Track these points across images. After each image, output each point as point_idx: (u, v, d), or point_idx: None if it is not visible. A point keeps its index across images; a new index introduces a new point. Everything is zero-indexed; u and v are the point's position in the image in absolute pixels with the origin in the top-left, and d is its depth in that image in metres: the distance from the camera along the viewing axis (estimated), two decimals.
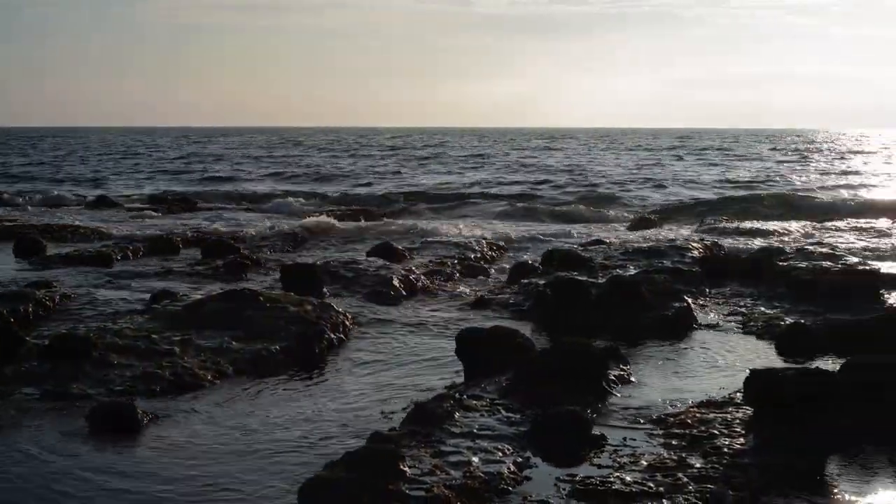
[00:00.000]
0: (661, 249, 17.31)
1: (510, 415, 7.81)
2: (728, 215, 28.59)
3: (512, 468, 6.64)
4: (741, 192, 38.53)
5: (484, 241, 19.81)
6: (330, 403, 8.50)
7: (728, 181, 45.57)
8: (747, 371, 8.24)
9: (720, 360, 10.18)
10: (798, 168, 57.13)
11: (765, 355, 10.43)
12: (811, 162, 65.18)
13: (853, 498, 6.27)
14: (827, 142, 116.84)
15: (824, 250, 17.98)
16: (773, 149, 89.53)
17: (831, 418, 7.61)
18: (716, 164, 60.82)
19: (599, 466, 6.77)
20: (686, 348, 10.80)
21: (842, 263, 16.04)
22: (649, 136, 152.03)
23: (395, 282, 14.18)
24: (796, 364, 9.70)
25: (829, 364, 9.56)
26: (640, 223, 26.79)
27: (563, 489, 6.33)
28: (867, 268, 15.79)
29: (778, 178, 47.29)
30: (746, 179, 46.77)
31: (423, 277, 14.87)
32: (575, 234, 23.55)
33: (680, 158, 69.04)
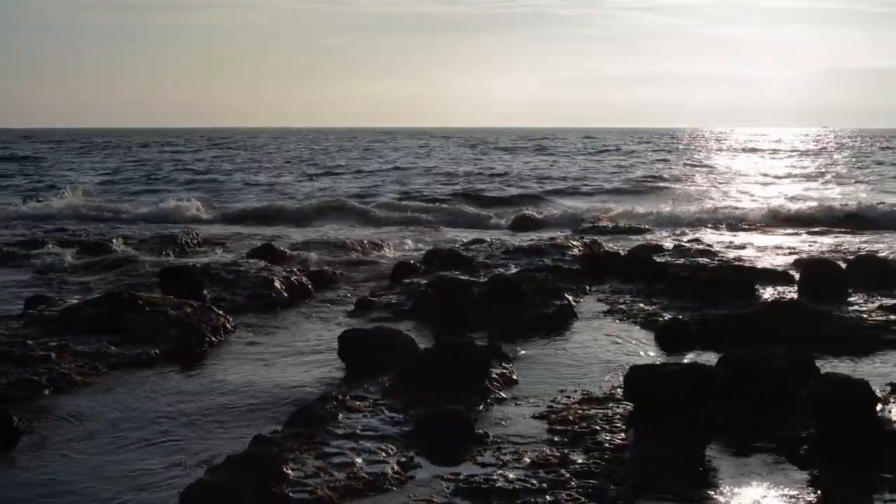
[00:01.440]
0: (541, 248, 17.46)
1: (393, 415, 7.81)
2: (608, 214, 28.96)
3: (396, 468, 6.64)
4: (622, 192, 39.05)
5: (366, 241, 19.77)
6: (211, 406, 8.40)
7: (607, 179, 46.15)
8: (627, 367, 8.36)
9: (601, 357, 10.29)
10: (676, 166, 58.09)
11: (644, 351, 10.59)
12: (685, 160, 66.39)
13: (731, 489, 6.40)
14: (700, 140, 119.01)
15: (701, 247, 18.34)
16: (659, 148, 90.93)
17: (709, 412, 7.76)
18: (599, 162, 61.61)
19: (483, 464, 6.80)
20: (567, 345, 10.91)
21: (718, 260, 16.39)
22: (527, 135, 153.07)
23: (277, 283, 14.07)
24: (675, 359, 9.85)
25: (707, 358, 9.73)
26: (521, 222, 27.00)
27: (447, 488, 6.35)
28: (742, 264, 16.16)
29: (661, 177, 48.04)
30: (636, 178, 47.48)
31: (304, 278, 14.78)
32: (456, 234, 23.64)
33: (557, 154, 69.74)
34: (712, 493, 6.36)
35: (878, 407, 7.64)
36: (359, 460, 6.70)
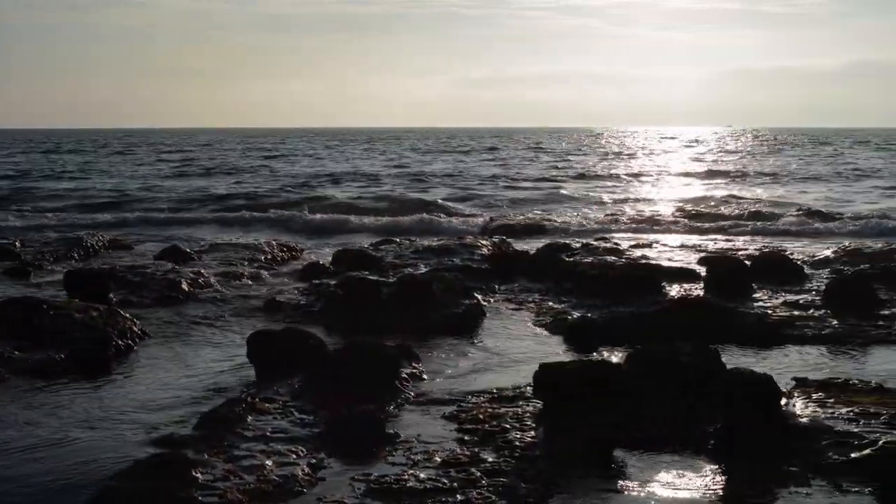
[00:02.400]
0: (450, 248, 17.49)
1: (303, 416, 7.77)
2: (516, 213, 29.11)
3: (306, 470, 6.60)
4: (528, 191, 39.23)
5: (274, 242, 19.64)
6: (118, 410, 8.28)
7: (513, 179, 46.39)
8: (536, 365, 8.41)
9: (510, 355, 10.34)
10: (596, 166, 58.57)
11: (553, 349, 10.65)
12: (595, 159, 66.99)
13: (641, 484, 6.46)
14: (613, 139, 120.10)
15: (608, 246, 18.50)
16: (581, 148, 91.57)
17: (618, 408, 7.83)
18: (505, 161, 61.88)
19: (394, 464, 6.79)
20: (477, 344, 10.94)
21: (625, 258, 16.54)
22: (444, 135, 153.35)
23: (184, 285, 13.93)
24: (584, 357, 9.92)
25: (616, 355, 9.83)
26: (431, 223, 27.01)
27: (358, 489, 6.33)
28: (649, 261, 16.34)
29: (570, 176, 48.40)
30: (545, 176, 47.77)
31: (212, 280, 14.65)
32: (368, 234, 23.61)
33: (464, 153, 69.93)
34: (622, 488, 6.42)
35: (783, 401, 7.77)
36: (269, 462, 6.65)
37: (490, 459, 6.85)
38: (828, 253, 17.63)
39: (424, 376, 9.27)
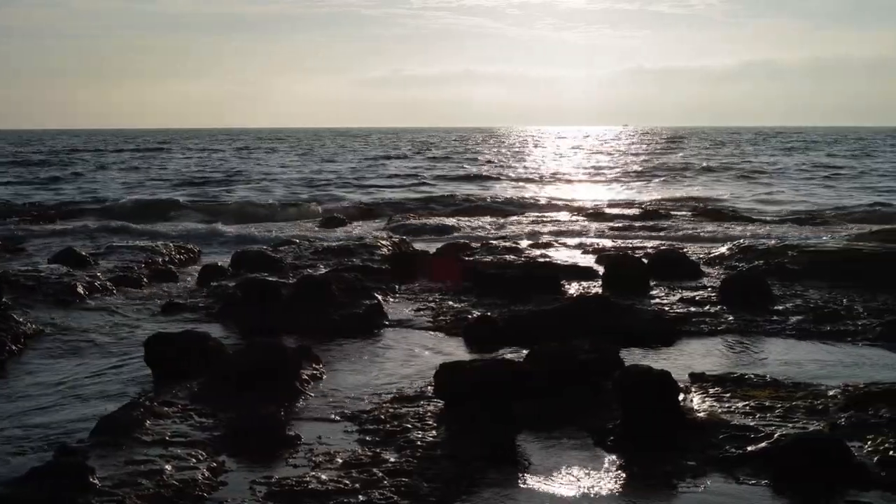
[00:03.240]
0: (350, 248, 17.47)
1: (203, 420, 7.70)
2: (414, 213, 29.13)
3: (206, 474, 6.53)
4: (429, 191, 39.30)
5: (171, 244, 19.40)
6: (12, 416, 8.11)
7: (415, 178, 46.43)
8: (437, 365, 8.42)
9: (411, 355, 10.34)
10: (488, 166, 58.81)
11: (454, 348, 10.67)
12: (494, 158, 67.32)
13: (542, 480, 6.51)
14: (511, 138, 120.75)
15: (508, 244, 18.61)
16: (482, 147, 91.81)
17: (519, 405, 7.87)
18: (406, 161, 61.92)
19: (295, 466, 6.75)
20: (378, 344, 10.92)
21: (525, 257, 16.65)
22: (346, 135, 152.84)
23: (80, 289, 13.71)
24: (484, 355, 9.95)
25: (516, 353, 9.87)
26: (330, 222, 26.93)
27: (259, 492, 6.28)
28: (548, 260, 16.46)
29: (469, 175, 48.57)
30: (446, 176, 47.87)
31: (109, 283, 14.43)
32: (264, 235, 23.43)
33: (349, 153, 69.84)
34: (524, 484, 6.46)
35: (681, 396, 7.88)
36: (168, 467, 6.57)
37: (392, 459, 6.85)
38: (723, 250, 17.91)
39: (325, 377, 9.24)
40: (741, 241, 18.91)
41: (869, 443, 7.00)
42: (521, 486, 6.44)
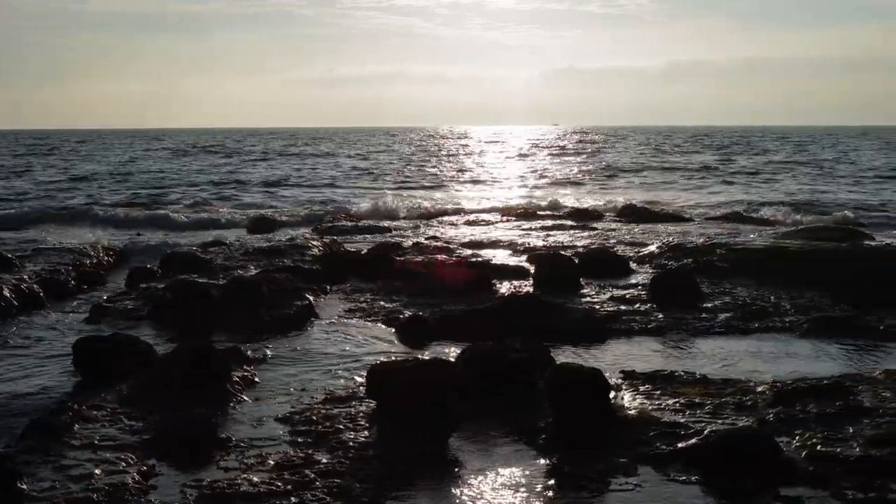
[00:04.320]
0: (281, 249, 17.39)
1: (133, 423, 7.62)
2: (345, 214, 29.06)
3: (136, 477, 6.47)
4: (362, 193, 39.19)
5: (100, 246, 19.18)
6: None
7: (348, 178, 46.31)
8: (369, 365, 8.41)
9: (343, 356, 10.30)
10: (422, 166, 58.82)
11: (386, 348, 10.65)
12: (427, 158, 67.36)
13: (474, 479, 6.52)
14: (439, 139, 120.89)
15: (439, 244, 18.62)
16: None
17: (451, 405, 7.88)
18: (337, 161, 61.73)
19: (227, 469, 6.70)
20: (309, 345, 10.87)
21: (456, 256, 16.66)
22: (278, 136, 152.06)
23: (6, 292, 13.50)
24: (416, 355, 9.95)
25: (448, 352, 9.89)
26: (259, 223, 26.75)
27: (190, 495, 6.23)
28: (479, 259, 16.50)
29: (402, 175, 48.52)
30: (376, 176, 47.81)
31: (35, 287, 14.23)
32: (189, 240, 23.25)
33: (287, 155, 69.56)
34: (456, 484, 6.46)
35: (612, 394, 7.94)
36: (97, 471, 6.50)
37: (324, 460, 6.83)
38: (652, 249, 18.06)
39: (256, 378, 9.18)
40: (670, 239, 19.07)
41: (797, 438, 7.10)
42: (454, 486, 6.44)
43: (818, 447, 6.88)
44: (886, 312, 12.05)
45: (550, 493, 6.32)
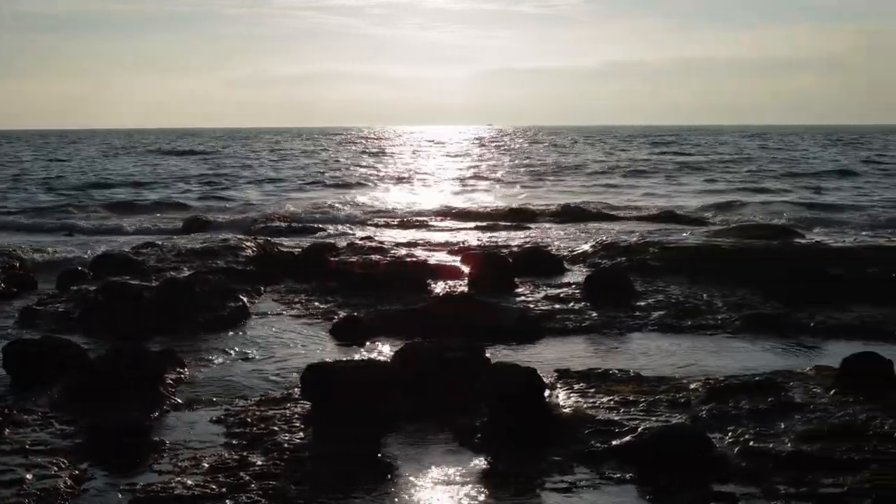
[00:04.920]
0: (214, 249, 17.24)
1: (64, 427, 7.54)
2: (279, 215, 28.92)
3: (69, 482, 6.40)
4: (296, 195, 38.96)
5: (31, 249, 18.94)
6: None
7: (279, 178, 46.08)
8: (304, 366, 8.38)
9: (278, 357, 10.26)
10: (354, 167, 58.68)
11: (321, 349, 10.62)
12: (359, 158, 67.25)
13: (410, 479, 6.52)
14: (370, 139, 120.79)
15: (374, 245, 18.58)
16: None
17: (387, 405, 7.87)
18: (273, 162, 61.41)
19: (160, 472, 6.65)
20: (244, 346, 10.80)
21: (391, 256, 16.64)
22: (213, 136, 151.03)
23: None
24: (351, 356, 9.93)
25: (383, 353, 9.88)
26: (192, 224, 26.56)
27: (124, 499, 6.17)
28: (414, 259, 16.48)
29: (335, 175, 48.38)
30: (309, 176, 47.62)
31: None
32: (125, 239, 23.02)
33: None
34: (392, 484, 6.46)
35: (547, 393, 7.97)
36: (29, 476, 6.42)
37: (259, 463, 6.79)
38: (586, 247, 18.16)
39: (190, 380, 9.13)
40: (604, 238, 19.18)
41: (729, 434, 7.17)
42: (390, 486, 6.44)
43: (750, 443, 6.96)
44: (817, 310, 12.20)
45: (485, 493, 6.33)
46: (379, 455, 7.03)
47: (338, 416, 7.74)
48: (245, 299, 12.90)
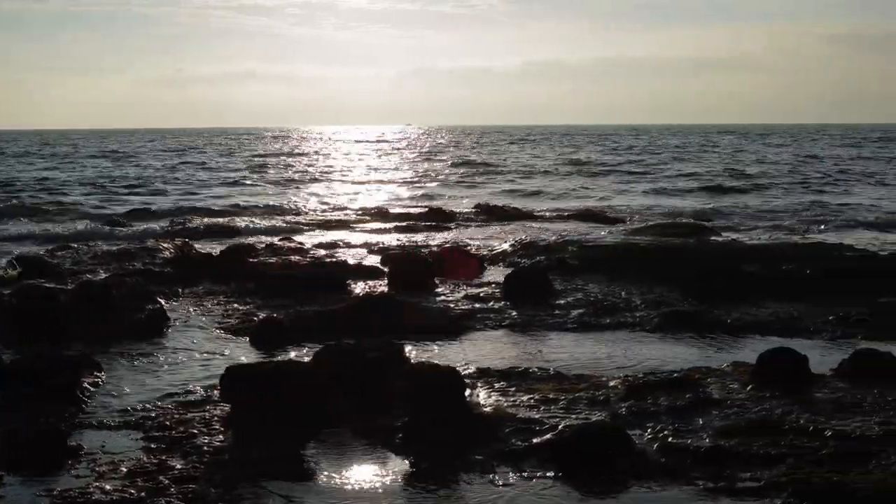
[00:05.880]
0: (131, 252, 17.07)
1: None
2: (196, 217, 28.66)
3: None
4: (212, 196, 38.63)
5: None
6: None
7: (198, 180, 45.69)
8: (224, 368, 8.32)
9: (196, 359, 10.17)
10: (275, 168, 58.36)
11: (240, 351, 10.55)
12: (276, 159, 66.90)
13: (332, 480, 6.51)
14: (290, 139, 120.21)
15: (293, 246, 18.50)
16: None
17: (308, 406, 7.84)
18: (183, 164, 60.87)
19: (78, 477, 6.57)
20: (162, 349, 10.70)
21: (310, 258, 16.58)
22: (123, 137, 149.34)
23: None
24: (271, 357, 9.88)
25: (303, 354, 9.83)
26: (110, 227, 26.19)
27: None
28: (334, 260, 16.45)
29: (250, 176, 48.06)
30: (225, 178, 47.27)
31: None
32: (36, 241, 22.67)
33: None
34: (313, 486, 6.43)
35: (467, 392, 7.99)
36: None
37: (178, 466, 6.73)
38: (505, 247, 18.24)
39: (107, 384, 9.01)
40: (523, 237, 19.28)
41: (649, 431, 7.24)
42: (311, 487, 6.42)
43: (669, 439, 7.03)
44: (733, 306, 12.36)
45: (407, 492, 6.33)
46: (299, 457, 6.99)
47: (258, 418, 7.69)
48: (163, 302, 12.77)
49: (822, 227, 24.07)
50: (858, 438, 7.01)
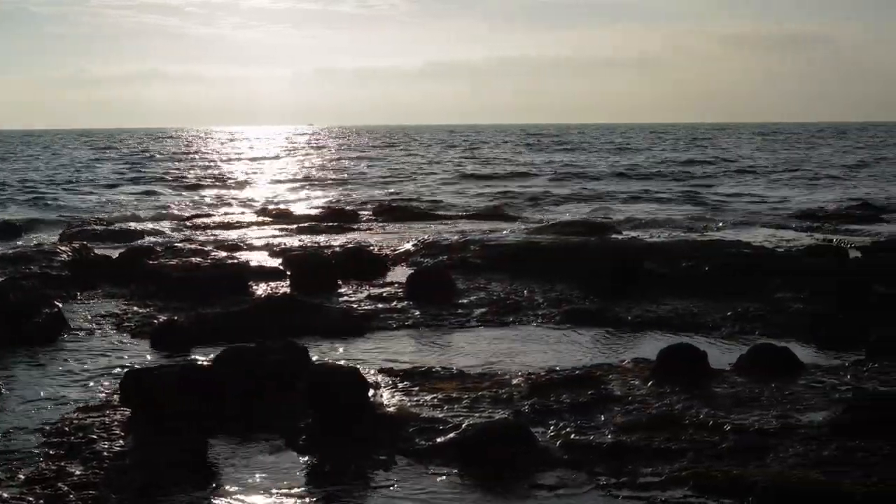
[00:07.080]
0: (27, 255, 16.76)
1: None
2: (96, 218, 28.27)
3: None
4: (111, 197, 38.13)
5: None
6: None
7: (104, 179, 45.06)
8: (123, 372, 8.21)
9: (96, 363, 10.03)
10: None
11: (141, 354, 10.42)
12: (178, 161, 66.27)
13: (236, 482, 6.46)
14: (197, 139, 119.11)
15: (194, 247, 18.34)
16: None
17: (210, 409, 7.78)
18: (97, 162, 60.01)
19: None
20: (60, 354, 10.53)
21: (211, 259, 16.45)
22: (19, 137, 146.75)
23: None
24: (172, 360, 9.78)
25: (205, 357, 9.74)
26: (5, 230, 25.70)
27: None
28: (236, 261, 16.34)
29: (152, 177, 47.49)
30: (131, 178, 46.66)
31: None
32: None
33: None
34: (216, 489, 6.38)
35: (371, 392, 7.98)
36: None
37: (78, 472, 6.63)
38: (408, 247, 18.27)
39: (3, 390, 8.84)
40: (426, 237, 19.32)
41: (552, 428, 7.31)
42: (213, 491, 6.36)
43: (572, 436, 7.10)
44: (634, 303, 12.51)
45: (310, 493, 6.31)
46: (202, 460, 6.93)
47: (160, 421, 7.60)
48: (60, 305, 12.56)
49: (721, 224, 24.43)
50: (757, 432, 7.15)
